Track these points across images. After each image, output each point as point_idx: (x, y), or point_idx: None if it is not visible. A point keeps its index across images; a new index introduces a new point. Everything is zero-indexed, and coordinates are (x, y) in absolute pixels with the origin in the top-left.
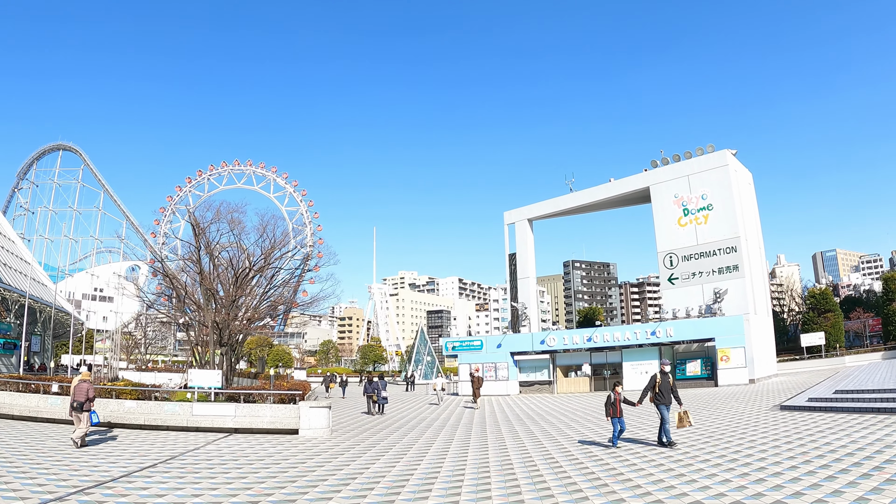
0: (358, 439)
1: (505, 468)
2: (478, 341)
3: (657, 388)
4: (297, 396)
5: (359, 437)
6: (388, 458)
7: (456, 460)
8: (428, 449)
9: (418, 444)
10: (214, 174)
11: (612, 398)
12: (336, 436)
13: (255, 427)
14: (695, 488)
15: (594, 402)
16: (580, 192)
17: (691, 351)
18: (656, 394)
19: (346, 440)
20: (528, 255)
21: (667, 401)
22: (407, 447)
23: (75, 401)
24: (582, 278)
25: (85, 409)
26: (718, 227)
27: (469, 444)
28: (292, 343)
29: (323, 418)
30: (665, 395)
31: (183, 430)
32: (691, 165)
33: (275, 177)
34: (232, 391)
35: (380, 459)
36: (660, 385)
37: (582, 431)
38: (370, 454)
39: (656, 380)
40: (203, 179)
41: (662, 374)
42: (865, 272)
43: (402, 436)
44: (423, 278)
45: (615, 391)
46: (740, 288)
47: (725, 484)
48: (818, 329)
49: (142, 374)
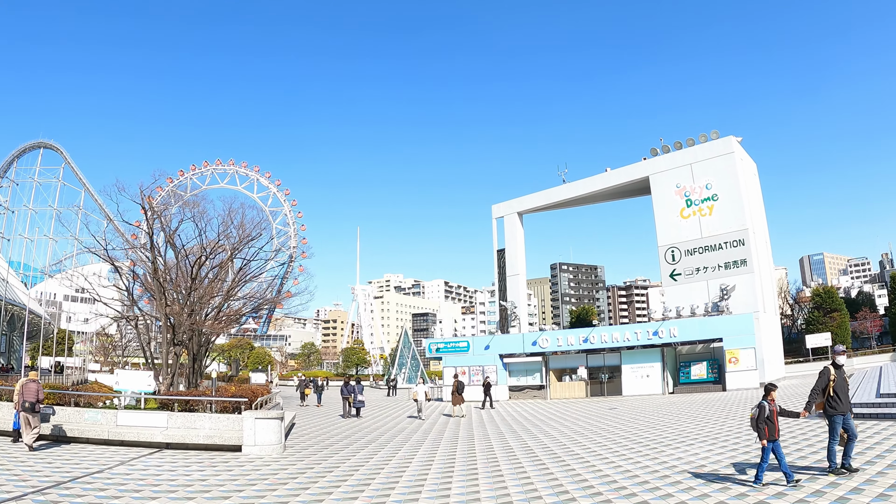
0: (316, 458)
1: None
2: (464, 342)
3: (832, 390)
4: (241, 405)
5: (318, 455)
6: (347, 490)
7: (437, 495)
8: (401, 475)
9: (389, 467)
10: (197, 173)
11: (767, 410)
12: (291, 453)
13: (189, 442)
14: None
15: (596, 410)
16: (574, 183)
17: (696, 352)
18: (829, 398)
19: (302, 459)
20: (517, 250)
21: (844, 407)
22: (375, 471)
23: (26, 401)
24: (569, 281)
25: (36, 411)
26: (724, 219)
27: (454, 467)
28: (275, 345)
29: (272, 432)
30: (842, 400)
31: (105, 444)
32: (694, 153)
33: (258, 176)
34: (165, 397)
35: (336, 490)
36: (835, 385)
37: (637, 460)
38: (325, 481)
39: (829, 377)
40: (185, 179)
41: (837, 369)
42: (854, 275)
43: (373, 453)
44: (409, 281)
45: (769, 399)
46: (749, 284)
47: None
48: (824, 329)
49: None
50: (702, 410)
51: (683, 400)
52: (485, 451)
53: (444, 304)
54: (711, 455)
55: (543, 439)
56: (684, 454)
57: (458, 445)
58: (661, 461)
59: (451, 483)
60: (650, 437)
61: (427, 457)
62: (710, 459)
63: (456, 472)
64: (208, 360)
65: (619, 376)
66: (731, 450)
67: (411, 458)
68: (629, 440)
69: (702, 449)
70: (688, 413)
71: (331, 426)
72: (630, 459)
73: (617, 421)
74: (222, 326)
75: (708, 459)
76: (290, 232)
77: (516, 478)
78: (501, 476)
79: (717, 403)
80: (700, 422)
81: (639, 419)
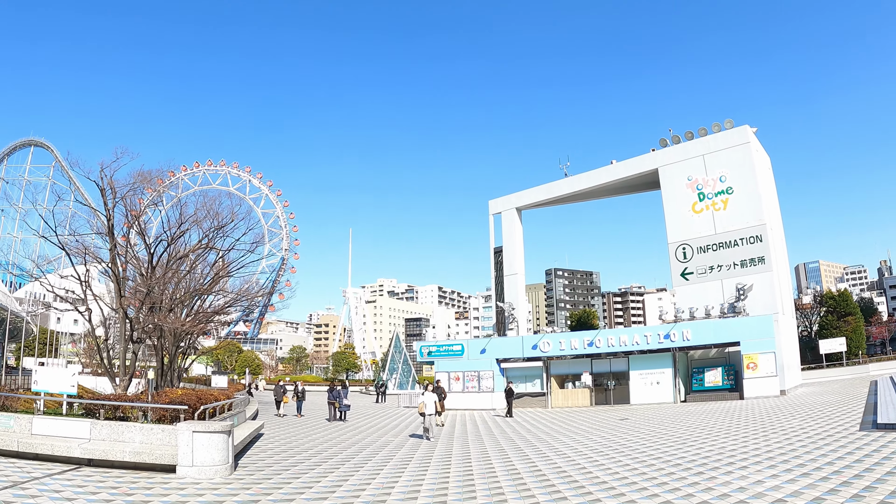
0: (271, 484)
1: None
2: (458, 345)
3: None
4: (180, 413)
5: (275, 479)
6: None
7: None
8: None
9: (361, 501)
10: (189, 174)
11: None
12: (241, 477)
13: (114, 458)
14: None
15: (605, 420)
16: (577, 177)
17: (709, 357)
18: None
19: (251, 486)
20: (516, 248)
21: None
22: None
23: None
24: (564, 287)
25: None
26: (740, 214)
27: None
28: (265, 349)
29: (216, 449)
30: None
31: (16, 457)
32: (707, 143)
33: (250, 177)
34: (91, 401)
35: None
36: None
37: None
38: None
39: None
40: (177, 180)
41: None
42: (851, 283)
43: (345, 477)
44: (403, 286)
45: None
46: (767, 283)
47: None
48: (838, 334)
49: (97, 380)
50: (728, 421)
51: (700, 409)
52: (485, 477)
53: (438, 309)
54: (780, 482)
55: (557, 460)
56: (746, 481)
57: (452, 468)
58: (724, 494)
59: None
60: (687, 456)
61: (412, 485)
62: (784, 489)
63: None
64: (187, 361)
65: (627, 383)
66: (803, 475)
67: (392, 485)
68: (664, 461)
69: (762, 473)
70: (714, 425)
71: (304, 439)
72: (685, 495)
73: (636, 435)
74: (199, 325)
75: (782, 489)
76: (283, 234)
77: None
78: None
79: (742, 413)
80: (736, 435)
81: (661, 433)
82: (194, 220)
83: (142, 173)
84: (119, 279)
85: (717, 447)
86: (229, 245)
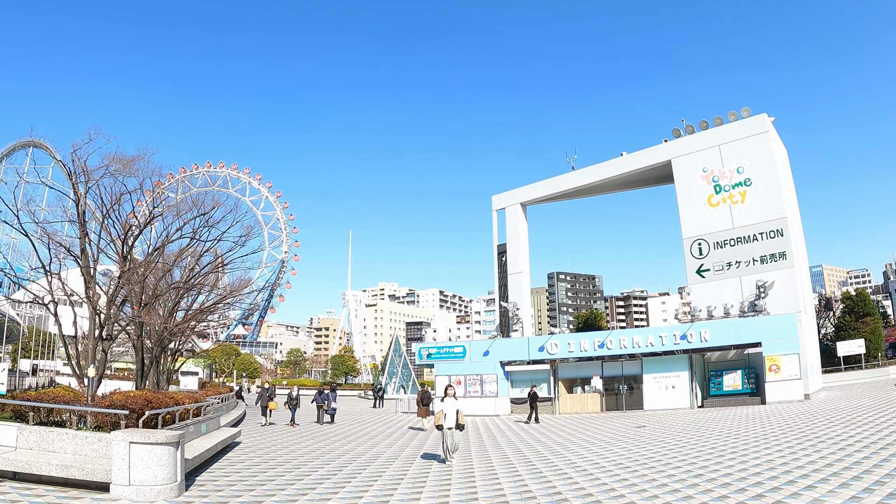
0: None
1: None
2: (459, 347)
3: None
4: (121, 419)
5: (236, 501)
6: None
7: None
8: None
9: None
10: (188, 175)
11: None
12: (192, 499)
13: (42, 473)
14: None
15: (621, 428)
16: (585, 170)
17: (728, 360)
18: None
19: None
20: (520, 246)
21: None
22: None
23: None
24: (567, 291)
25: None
26: (759, 207)
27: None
28: (264, 353)
29: (160, 465)
30: None
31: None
32: (723, 133)
33: (249, 179)
34: (18, 402)
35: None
36: None
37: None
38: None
39: None
40: (176, 182)
41: None
42: (855, 287)
43: (321, 500)
44: (404, 290)
45: None
46: (789, 280)
47: None
48: (856, 336)
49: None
50: (762, 429)
51: (723, 415)
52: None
53: (439, 313)
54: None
55: (580, 479)
56: (823, 502)
57: (452, 488)
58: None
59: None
60: (733, 471)
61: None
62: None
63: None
64: (177, 364)
65: (640, 387)
66: (891, 495)
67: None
68: (709, 478)
69: (836, 494)
70: (747, 433)
71: (284, 450)
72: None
73: (662, 446)
74: (188, 325)
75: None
76: (283, 237)
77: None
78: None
79: (772, 420)
80: (779, 445)
81: (691, 443)
82: (169, 205)
83: (118, 157)
84: (89, 270)
85: (764, 459)
86: (216, 236)
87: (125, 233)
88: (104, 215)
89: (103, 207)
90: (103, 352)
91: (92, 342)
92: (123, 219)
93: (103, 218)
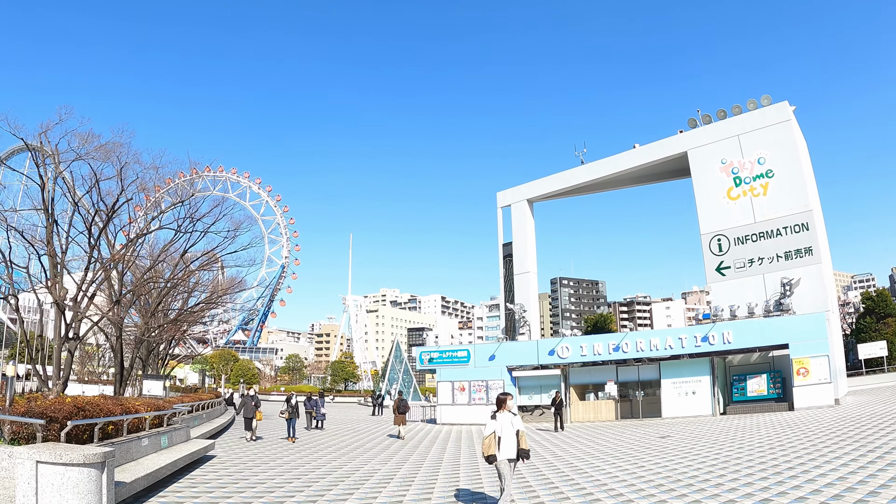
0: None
1: None
2: (463, 351)
3: None
4: (37, 428)
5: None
6: None
7: None
8: None
9: None
10: (186, 180)
11: None
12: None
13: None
14: None
15: (642, 439)
16: (595, 164)
17: (751, 363)
18: None
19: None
20: (527, 244)
21: None
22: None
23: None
24: (570, 296)
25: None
26: (783, 199)
27: None
28: (264, 358)
29: (76, 492)
30: None
31: None
32: (742, 123)
33: (249, 183)
34: None
35: None
36: None
37: None
38: None
39: None
40: (174, 186)
41: None
42: (860, 291)
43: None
44: (405, 296)
45: None
46: (817, 277)
47: None
48: (877, 338)
49: (84, 387)
50: (800, 438)
51: (751, 423)
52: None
53: (441, 318)
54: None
55: None
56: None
57: None
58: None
59: None
60: (788, 490)
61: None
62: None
63: None
64: (167, 368)
65: (657, 393)
66: None
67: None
68: (766, 501)
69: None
70: (785, 443)
71: (263, 467)
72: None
73: (694, 458)
74: (174, 326)
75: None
76: (283, 241)
77: None
78: None
79: (808, 428)
80: (829, 457)
81: (728, 455)
82: (141, 187)
83: (85, 135)
84: (56, 262)
85: (835, 477)
86: (201, 230)
87: (91, 220)
88: (74, 203)
89: (73, 195)
90: (69, 352)
91: (57, 341)
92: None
93: (75, 204)
